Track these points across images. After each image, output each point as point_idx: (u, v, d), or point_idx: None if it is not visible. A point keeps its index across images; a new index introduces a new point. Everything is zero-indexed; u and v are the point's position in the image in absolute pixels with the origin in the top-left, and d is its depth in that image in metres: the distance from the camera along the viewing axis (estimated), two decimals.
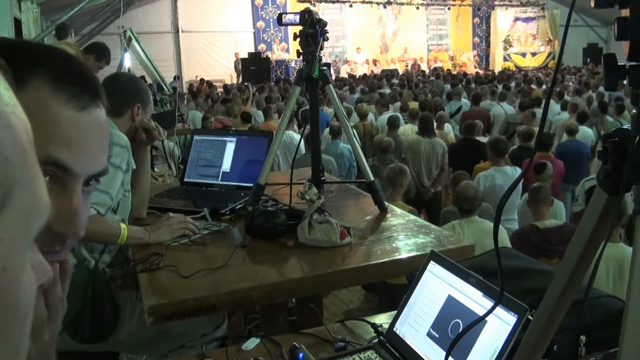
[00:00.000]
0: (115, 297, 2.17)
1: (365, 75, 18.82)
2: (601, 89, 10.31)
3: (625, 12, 0.68)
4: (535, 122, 7.68)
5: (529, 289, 1.30)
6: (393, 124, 7.01)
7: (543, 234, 3.75)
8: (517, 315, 1.15)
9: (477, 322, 1.04)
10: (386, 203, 2.54)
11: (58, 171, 0.64)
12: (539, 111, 8.70)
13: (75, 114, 0.65)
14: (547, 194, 4.07)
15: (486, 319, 1.18)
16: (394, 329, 1.45)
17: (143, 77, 5.40)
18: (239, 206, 2.44)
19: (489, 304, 1.20)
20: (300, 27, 2.49)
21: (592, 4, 0.68)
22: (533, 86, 13.08)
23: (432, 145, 6.16)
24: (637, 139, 0.65)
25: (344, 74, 19.88)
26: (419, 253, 1.98)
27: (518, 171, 5.25)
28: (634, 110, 0.68)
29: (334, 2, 21.39)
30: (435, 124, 6.86)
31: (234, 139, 2.79)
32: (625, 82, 0.67)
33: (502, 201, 0.70)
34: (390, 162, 5.59)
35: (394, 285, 3.67)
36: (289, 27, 2.62)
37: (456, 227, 3.85)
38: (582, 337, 1.24)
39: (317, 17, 2.49)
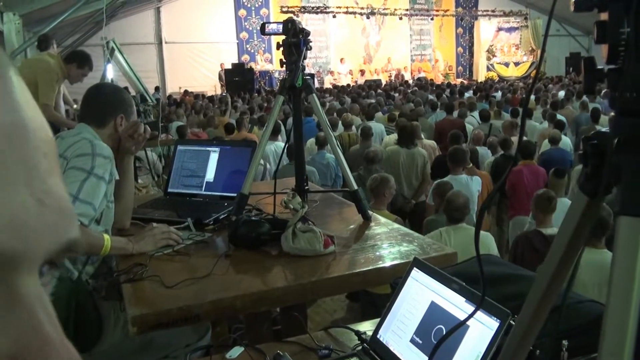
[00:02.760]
0: (99, 308, 2.15)
1: (349, 85, 18.90)
2: (585, 98, 10.41)
3: (605, 16, 0.69)
4: (515, 131, 7.74)
5: (511, 295, 1.31)
6: (367, 133, 6.91)
7: (548, 240, 3.77)
8: (500, 320, 1.15)
9: (458, 327, 1.05)
10: (370, 212, 2.54)
11: None
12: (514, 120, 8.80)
13: None
14: (556, 203, 4.10)
15: (469, 324, 1.18)
16: (378, 336, 1.45)
17: (126, 88, 5.37)
18: (222, 216, 2.43)
19: (471, 309, 1.20)
20: (284, 37, 2.50)
21: (572, 8, 0.69)
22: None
23: (412, 155, 6.16)
24: (616, 141, 0.66)
25: (327, 85, 19.94)
26: (402, 261, 1.98)
27: (474, 180, 5.26)
28: (612, 113, 0.68)
29: (317, 13, 21.52)
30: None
31: (217, 149, 2.79)
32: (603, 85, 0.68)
33: (483, 207, 0.70)
34: (377, 172, 5.60)
35: (377, 295, 3.67)
36: (273, 38, 2.63)
37: (443, 234, 3.87)
38: (565, 342, 1.24)
39: (300, 27, 2.50)
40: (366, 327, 1.62)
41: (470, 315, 0.99)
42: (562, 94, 12.65)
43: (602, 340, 0.64)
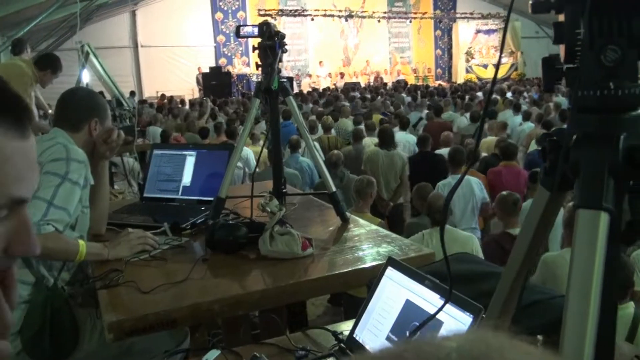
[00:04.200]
0: (75, 315, 2.13)
1: (328, 88, 18.92)
2: (557, 99, 10.55)
3: (562, 18, 0.71)
4: (504, 132, 7.83)
5: (485, 292, 1.32)
6: (358, 135, 7.03)
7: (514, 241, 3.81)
8: (473, 316, 1.17)
9: (428, 320, 1.06)
10: (349, 214, 2.55)
11: (15, 205, 0.63)
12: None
13: (19, 144, 0.62)
14: (521, 205, 4.16)
15: (443, 320, 1.19)
16: (354, 335, 1.46)
17: (102, 93, 5.33)
18: (199, 220, 2.42)
19: (447, 306, 1.22)
20: (259, 40, 2.50)
21: (530, 10, 0.71)
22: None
23: (391, 157, 6.19)
24: (574, 137, 0.68)
25: (306, 88, 19.94)
26: (381, 262, 1.99)
27: (473, 179, 5.32)
28: (571, 110, 0.70)
29: (295, 16, 21.51)
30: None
31: (193, 153, 2.78)
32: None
33: (447, 202, 0.72)
34: (341, 174, 5.62)
35: (359, 298, 3.67)
36: (250, 41, 2.64)
37: (425, 236, 3.89)
38: (539, 337, 1.26)
39: (276, 29, 2.51)
40: (343, 327, 1.63)
41: (440, 309, 1.00)
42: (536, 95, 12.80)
43: (563, 330, 0.65)
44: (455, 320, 1.20)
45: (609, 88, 0.69)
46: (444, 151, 6.41)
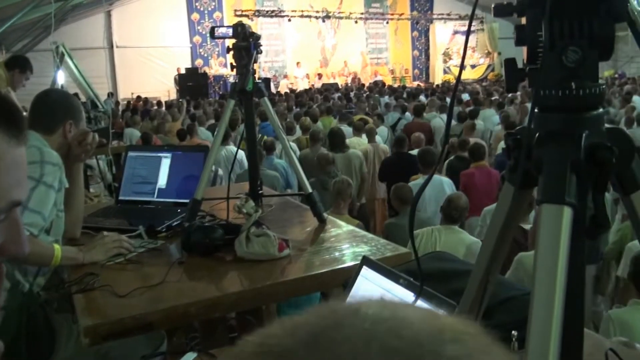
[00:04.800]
0: (51, 321, 2.11)
1: (306, 90, 18.92)
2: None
3: (524, 20, 0.73)
4: (474, 133, 7.89)
5: (459, 289, 1.34)
6: (316, 137, 6.91)
7: None
8: (446, 313, 1.18)
9: None
10: (326, 215, 2.56)
11: (11, 207, 0.66)
12: (479, 122, 8.96)
13: (18, 151, 0.66)
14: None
15: None
16: None
17: (76, 94, 5.27)
18: (175, 223, 2.41)
19: (420, 304, 1.23)
20: (234, 40, 2.50)
21: (492, 13, 0.72)
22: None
23: (347, 158, 6.19)
24: (537, 135, 0.70)
25: (284, 89, 19.93)
26: (358, 262, 2.00)
27: (444, 179, 5.36)
28: (535, 110, 0.72)
29: (272, 17, 21.49)
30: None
31: (169, 155, 2.76)
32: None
33: (415, 199, 0.73)
34: (334, 174, 5.62)
35: None
36: (226, 42, 2.63)
37: (434, 232, 3.93)
38: (514, 333, 1.28)
39: (250, 30, 2.51)
40: None
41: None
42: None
43: (529, 325, 0.66)
44: None
45: (571, 88, 0.71)
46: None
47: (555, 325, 0.65)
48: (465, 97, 13.26)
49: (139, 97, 17.34)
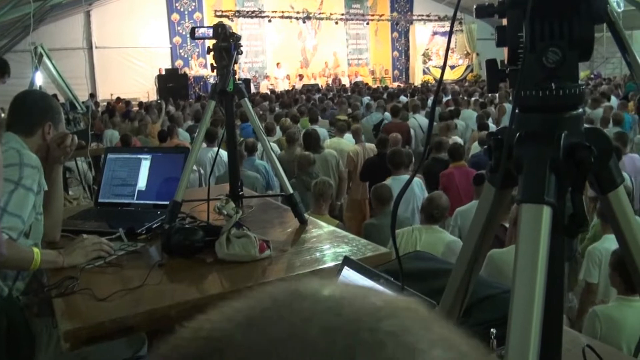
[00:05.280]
0: (31, 326, 2.08)
1: (287, 90, 18.90)
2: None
3: (505, 21, 0.73)
4: (450, 133, 7.93)
5: (439, 288, 1.34)
6: (292, 139, 6.88)
7: None
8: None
9: None
10: (307, 215, 2.56)
11: None
12: (460, 123, 9.02)
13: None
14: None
15: None
16: None
17: (55, 96, 5.22)
18: (155, 225, 2.39)
19: None
20: (214, 41, 2.49)
21: (474, 15, 0.73)
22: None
23: (323, 158, 6.20)
24: (517, 136, 0.70)
25: (264, 90, 19.89)
26: (338, 262, 2.00)
27: (415, 180, 5.39)
28: (516, 110, 0.73)
29: (252, 17, 21.43)
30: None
31: (148, 157, 2.74)
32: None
33: (397, 200, 0.73)
34: (315, 176, 5.61)
35: None
36: (206, 42, 2.62)
37: (414, 231, 3.93)
38: (493, 330, 1.29)
39: (231, 31, 2.50)
40: None
41: None
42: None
43: (509, 322, 0.67)
44: None
45: (551, 88, 0.71)
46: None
47: (535, 322, 0.66)
48: (446, 98, 13.34)
49: (118, 99, 17.17)
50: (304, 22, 22.40)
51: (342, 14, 23.40)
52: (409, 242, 3.87)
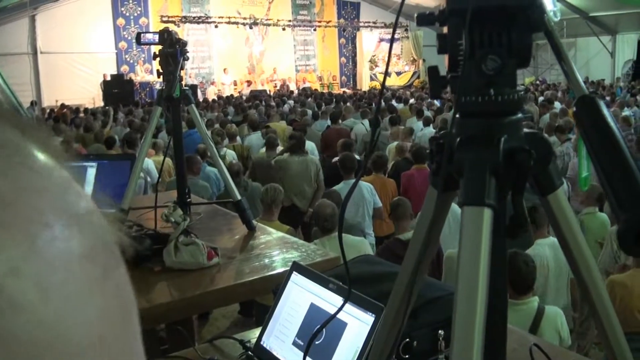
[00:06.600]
0: None
1: (232, 96, 18.76)
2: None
3: (446, 30, 0.76)
4: (409, 138, 8.07)
5: (388, 291, 1.36)
6: (272, 144, 6.93)
7: (405, 246, 3.93)
8: (374, 315, 1.20)
9: (328, 321, 1.09)
10: (255, 222, 2.55)
11: None
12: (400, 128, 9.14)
13: None
14: (407, 210, 4.30)
15: (347, 321, 1.22)
16: (262, 343, 1.46)
17: None
18: None
19: (349, 307, 1.25)
20: (160, 47, 2.47)
21: (415, 22, 0.75)
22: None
23: (305, 163, 6.22)
24: (458, 140, 0.72)
25: (211, 96, 19.70)
26: (287, 268, 2.00)
27: (365, 185, 5.45)
28: (457, 115, 0.75)
29: (198, 23, 21.21)
30: None
31: (94, 164, 2.68)
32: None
33: (343, 205, 0.74)
34: (244, 184, 5.60)
35: (270, 307, 3.67)
36: (152, 48, 2.59)
37: (317, 245, 3.93)
38: (441, 332, 1.32)
39: (177, 37, 2.48)
40: (251, 335, 1.62)
41: (340, 309, 1.04)
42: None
43: (453, 323, 0.69)
44: (358, 321, 1.23)
45: (490, 94, 0.74)
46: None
47: (478, 323, 0.68)
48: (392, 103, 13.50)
49: (63, 105, 16.71)
50: (251, 27, 22.29)
51: (290, 21, 23.41)
52: None
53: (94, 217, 0.31)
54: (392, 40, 0.84)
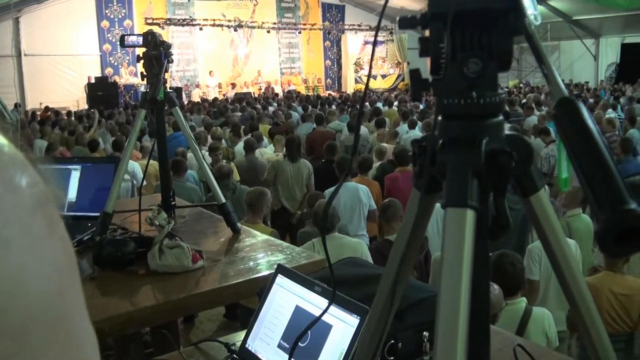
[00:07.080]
0: None
1: (216, 99, 18.70)
2: None
3: (427, 33, 0.77)
4: (394, 140, 8.10)
5: (372, 294, 1.37)
6: (251, 147, 6.97)
7: None
8: (359, 317, 1.21)
9: (314, 323, 1.09)
10: (240, 225, 2.55)
11: None
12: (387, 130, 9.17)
13: None
14: (397, 211, 4.32)
15: (332, 323, 1.23)
16: (247, 345, 1.46)
17: None
18: (86, 237, 2.33)
19: (334, 309, 1.25)
20: (144, 49, 2.46)
21: (398, 26, 0.75)
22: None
23: (298, 167, 6.23)
24: (441, 142, 0.73)
25: (196, 98, 19.63)
26: (272, 271, 2.00)
27: (361, 187, 5.47)
28: (439, 118, 0.76)
29: (183, 25, 21.13)
30: None
31: (78, 167, 2.66)
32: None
33: (327, 206, 0.74)
34: (232, 186, 5.59)
35: (254, 309, 3.67)
36: (137, 50, 2.59)
37: (315, 245, 3.94)
38: (425, 333, 1.33)
39: (161, 39, 2.48)
40: (236, 338, 1.62)
41: (325, 311, 1.04)
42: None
43: (437, 324, 0.69)
44: (343, 323, 1.24)
45: (472, 97, 0.75)
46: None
47: (461, 324, 0.68)
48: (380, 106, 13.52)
49: (47, 108, 16.58)
50: (236, 30, 22.26)
51: (274, 23, 23.40)
52: None
53: (37, 181, 0.32)
54: (374, 43, 0.84)
